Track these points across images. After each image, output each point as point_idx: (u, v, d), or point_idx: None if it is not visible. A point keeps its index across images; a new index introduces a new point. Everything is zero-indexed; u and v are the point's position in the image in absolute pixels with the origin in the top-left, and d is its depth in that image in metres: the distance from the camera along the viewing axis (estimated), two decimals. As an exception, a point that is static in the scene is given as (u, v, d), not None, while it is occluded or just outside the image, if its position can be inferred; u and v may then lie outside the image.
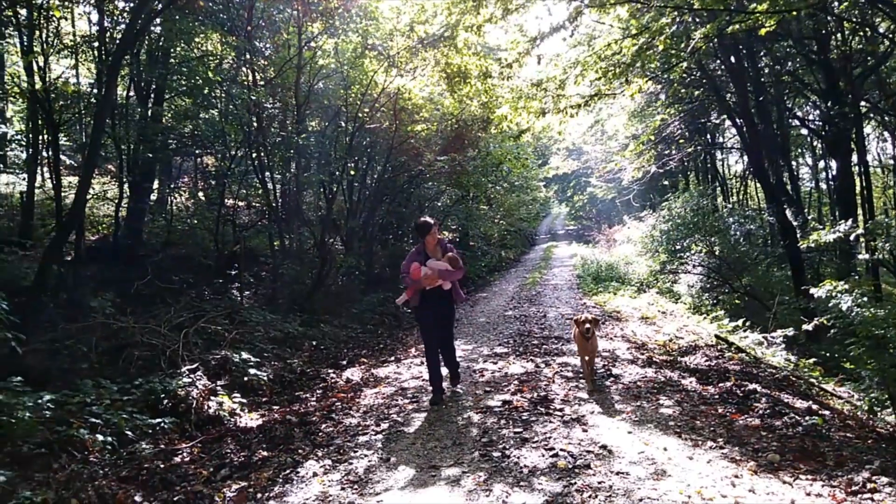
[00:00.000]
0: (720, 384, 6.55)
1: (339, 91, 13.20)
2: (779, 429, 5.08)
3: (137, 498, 4.35)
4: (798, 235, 12.81)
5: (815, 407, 5.85)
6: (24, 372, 5.52)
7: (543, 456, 4.64)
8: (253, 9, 11.45)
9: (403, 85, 13.37)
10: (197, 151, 13.31)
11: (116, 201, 10.75)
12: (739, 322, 10.72)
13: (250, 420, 6.21)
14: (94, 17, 11.22)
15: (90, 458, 4.81)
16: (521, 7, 9.13)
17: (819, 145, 23.32)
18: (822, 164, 25.36)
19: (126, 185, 11.09)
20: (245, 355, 7.43)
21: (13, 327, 5.38)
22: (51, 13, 9.53)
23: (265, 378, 7.26)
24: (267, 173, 11.66)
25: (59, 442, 4.78)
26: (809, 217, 18.90)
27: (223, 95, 11.76)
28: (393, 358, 8.96)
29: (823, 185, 26.05)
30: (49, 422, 4.92)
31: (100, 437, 4.99)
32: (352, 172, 14.38)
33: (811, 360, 8.88)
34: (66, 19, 11.20)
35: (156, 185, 13.04)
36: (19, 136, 13.90)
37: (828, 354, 9.62)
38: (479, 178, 16.55)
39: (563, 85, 10.40)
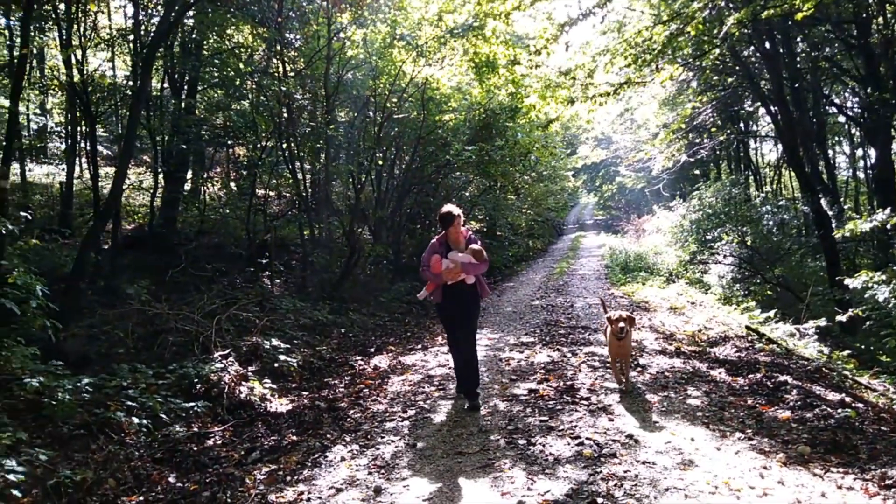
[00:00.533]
0: (750, 375, 6.47)
1: (368, 81, 13.27)
2: (810, 421, 5.01)
3: (171, 479, 4.49)
4: (833, 225, 12.52)
5: (848, 399, 5.74)
6: (64, 356, 5.74)
7: (569, 444, 4.65)
8: (283, 0, 11.56)
9: (431, 75, 13.38)
10: (229, 142, 13.52)
11: (151, 191, 11.01)
12: (771, 313, 10.54)
13: (280, 405, 6.34)
14: (130, 10, 11.46)
15: (126, 439, 4.97)
16: (549, -7, 9.05)
17: (857, 133, 22.68)
18: (860, 152, 24.66)
19: (161, 176, 11.34)
20: (275, 342, 7.57)
21: (53, 314, 5.57)
22: (88, 7, 9.77)
23: (295, 364, 7.39)
24: (297, 163, 11.80)
25: (98, 424, 4.95)
26: (846, 207, 18.44)
27: (254, 87, 11.91)
28: (420, 346, 9.03)
29: (861, 174, 25.35)
30: (88, 404, 5.10)
31: (135, 420, 5.15)
32: (380, 162, 14.46)
33: (845, 352, 8.68)
34: (102, 13, 11.46)
35: (189, 175, 13.29)
36: (58, 128, 14.31)
37: (863, 346, 9.41)
38: (506, 168, 16.46)
39: (591, 73, 10.30)
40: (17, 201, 9.93)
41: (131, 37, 10.64)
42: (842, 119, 21.62)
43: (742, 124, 24.02)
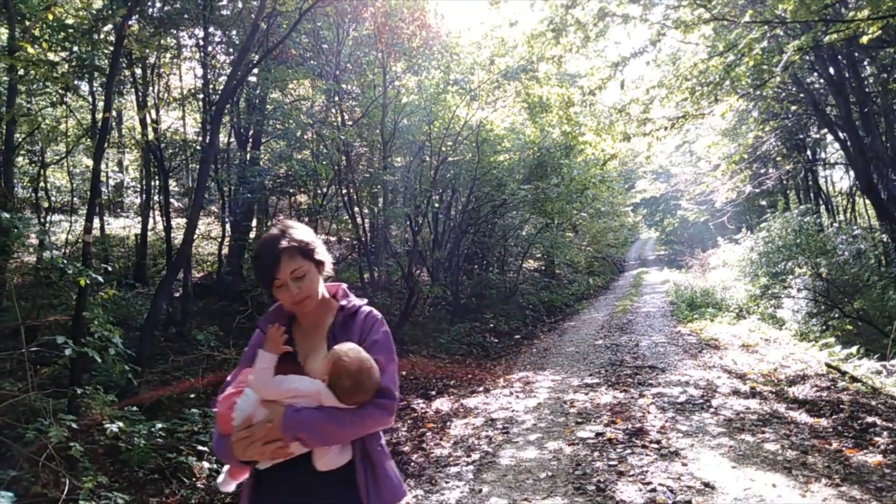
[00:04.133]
0: (833, 416, 6.08)
1: (423, 126, 13.56)
2: (904, 466, 4.65)
3: (241, 523, 4.53)
4: (917, 254, 11.80)
5: (946, 442, 5.31)
6: (138, 401, 5.94)
7: (641, 490, 4.46)
8: (340, 54, 12.05)
9: (485, 117, 13.56)
10: (291, 190, 14.01)
11: (219, 240, 11.47)
12: (853, 349, 9.92)
13: (344, 449, 6.34)
14: (199, 71, 12.15)
15: (198, 483, 5.07)
16: (600, 34, 9.08)
17: (936, 156, 21.49)
18: (941, 175, 23.31)
19: (227, 225, 11.83)
20: (338, 385, 7.63)
21: (129, 361, 5.81)
22: (162, 70, 10.45)
23: (357, 408, 7.41)
24: (356, 208, 12.08)
25: (171, 468, 5.08)
26: (929, 234, 17.35)
27: (314, 137, 12.35)
28: (481, 388, 8.93)
29: (944, 199, 23.90)
30: (161, 449, 5.25)
31: (206, 465, 5.26)
32: (436, 205, 14.64)
33: (940, 391, 8.07)
34: (174, 75, 12.23)
35: (254, 223, 13.80)
36: (134, 183, 15.20)
37: (959, 384, 8.69)
38: (563, 206, 16.36)
39: (647, 108, 10.21)
40: (98, 253, 10.51)
41: (201, 95, 11.27)
42: (918, 142, 20.55)
43: (809, 152, 23.18)
